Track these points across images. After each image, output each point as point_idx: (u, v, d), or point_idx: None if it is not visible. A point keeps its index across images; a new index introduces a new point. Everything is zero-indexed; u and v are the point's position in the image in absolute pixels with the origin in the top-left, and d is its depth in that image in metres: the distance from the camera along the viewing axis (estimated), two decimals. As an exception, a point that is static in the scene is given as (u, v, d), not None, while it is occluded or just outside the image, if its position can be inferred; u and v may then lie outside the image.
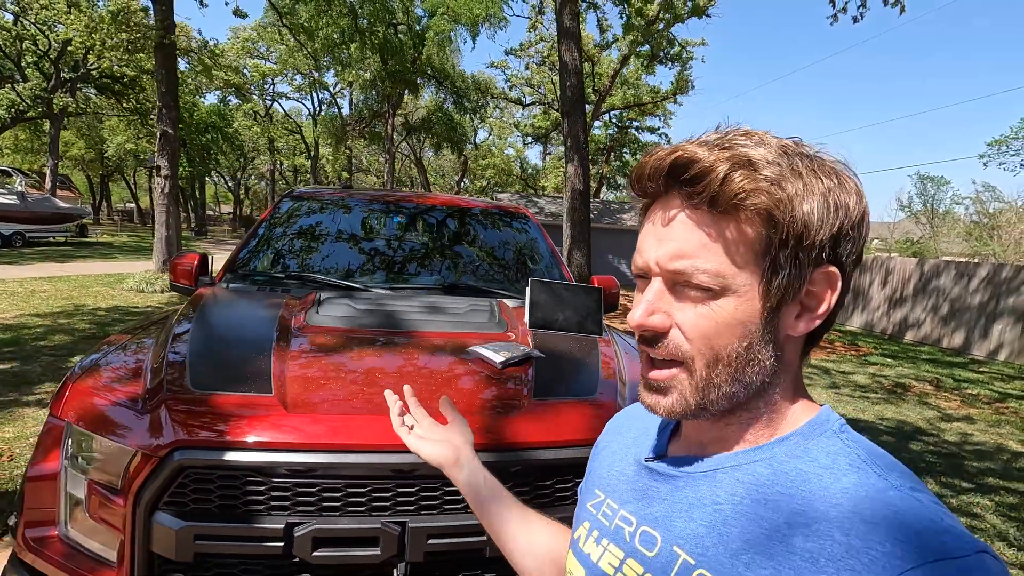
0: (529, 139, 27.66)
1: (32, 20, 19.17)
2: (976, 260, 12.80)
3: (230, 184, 45.06)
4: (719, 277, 0.50)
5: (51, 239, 20.00)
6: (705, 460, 0.56)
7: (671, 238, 0.51)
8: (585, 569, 0.62)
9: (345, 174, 35.95)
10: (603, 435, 0.77)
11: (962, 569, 0.40)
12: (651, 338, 0.53)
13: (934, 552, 0.40)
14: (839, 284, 0.53)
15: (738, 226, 0.50)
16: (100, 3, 16.23)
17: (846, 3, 9.32)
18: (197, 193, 37.28)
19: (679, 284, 0.52)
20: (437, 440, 0.83)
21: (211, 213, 55.49)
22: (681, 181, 0.50)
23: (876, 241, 41.63)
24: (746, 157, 0.49)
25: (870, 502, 0.45)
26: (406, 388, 0.91)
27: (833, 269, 0.52)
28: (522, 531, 0.78)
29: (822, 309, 0.53)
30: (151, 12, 11.36)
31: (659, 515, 0.56)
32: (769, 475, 0.51)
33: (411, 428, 0.86)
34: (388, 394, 0.89)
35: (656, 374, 0.54)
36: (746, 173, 0.48)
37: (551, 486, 1.29)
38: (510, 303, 2.23)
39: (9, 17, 19.83)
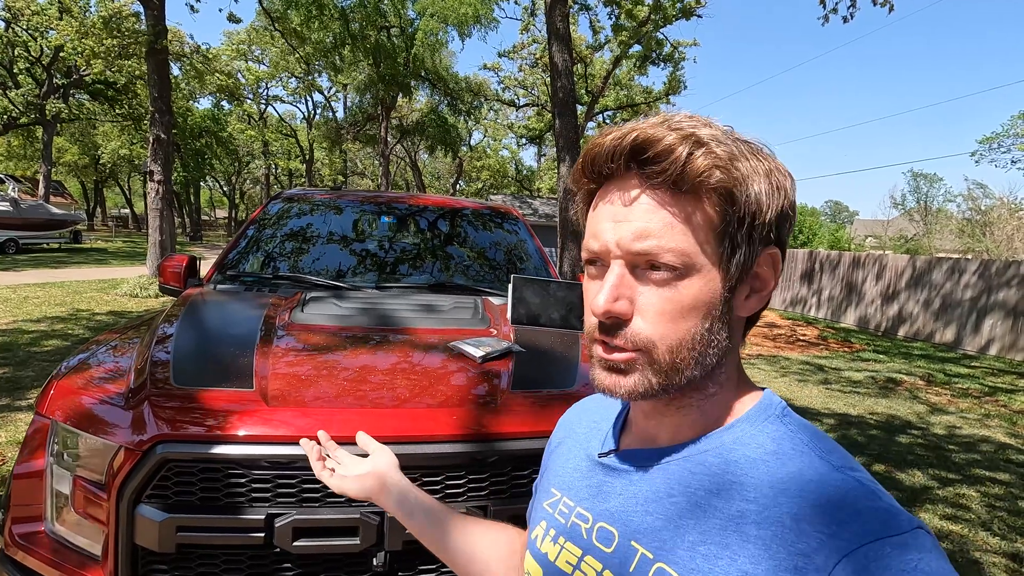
0: (523, 141, 27.70)
1: (24, 26, 19.14)
2: (969, 257, 12.90)
3: (225, 189, 44.98)
4: (684, 256, 0.49)
5: (45, 245, 19.94)
6: (657, 452, 0.56)
7: (633, 218, 0.50)
8: (543, 568, 0.62)
9: (340, 178, 35.94)
10: (556, 432, 0.77)
11: (899, 545, 0.42)
12: (611, 326, 0.51)
13: (875, 531, 0.42)
14: (780, 266, 0.55)
15: (700, 205, 0.50)
16: (92, 9, 16.22)
17: (836, 3, 9.37)
18: (192, 198, 37.19)
19: (641, 267, 0.51)
20: (360, 474, 0.82)
21: (206, 218, 55.37)
22: (641, 161, 0.49)
23: (870, 239, 41.77)
24: (701, 137, 0.49)
25: (815, 485, 0.47)
26: (320, 433, 0.91)
27: (775, 250, 0.54)
28: (462, 540, 0.78)
29: (767, 290, 0.55)
30: (143, 17, 11.36)
31: (615, 510, 0.56)
32: (719, 464, 0.52)
33: (333, 471, 0.85)
34: (304, 442, 0.89)
35: (615, 356, 0.52)
36: (707, 152, 0.48)
37: (528, 475, 1.32)
38: (495, 300, 2.25)
39: (0, 24, 19.79)
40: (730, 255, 0.51)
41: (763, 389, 0.57)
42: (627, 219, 0.50)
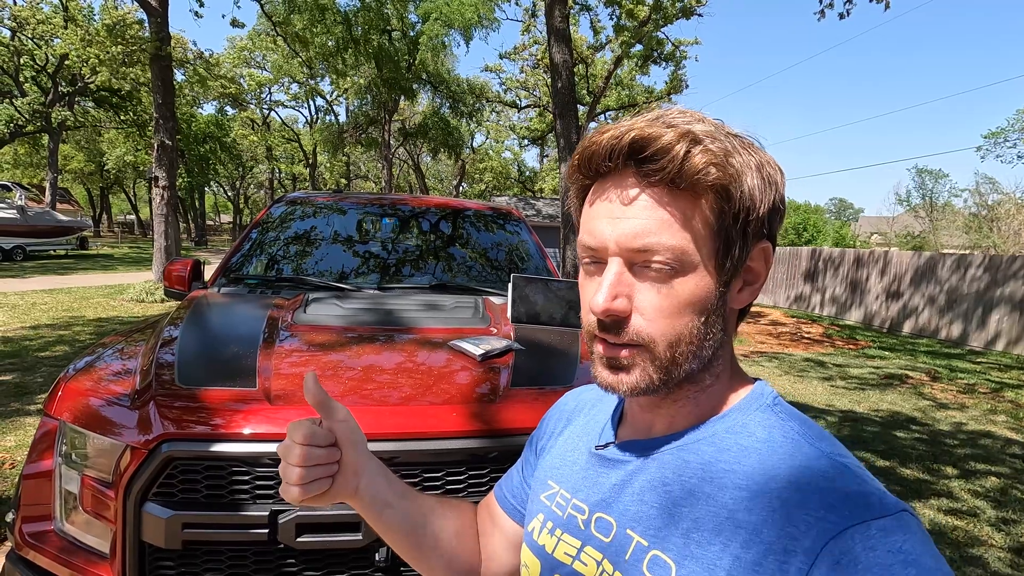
0: (526, 142, 27.72)
1: (29, 35, 19.31)
2: (976, 253, 12.83)
3: (229, 193, 45.18)
4: (681, 253, 0.50)
5: (52, 252, 20.10)
6: (653, 443, 0.57)
7: (631, 216, 0.50)
8: (540, 560, 0.63)
9: (343, 181, 36.06)
10: (549, 420, 0.77)
11: (884, 527, 0.43)
12: (612, 324, 0.52)
13: (861, 514, 0.44)
14: (771, 259, 0.56)
15: (697, 202, 0.50)
16: (96, 17, 16.35)
17: (832, -1, 9.34)
18: (196, 203, 37.41)
19: (639, 264, 0.51)
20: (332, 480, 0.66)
21: (211, 223, 55.67)
22: (639, 160, 0.50)
23: (876, 236, 41.57)
24: (697, 134, 0.49)
25: (803, 471, 0.48)
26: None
27: (767, 244, 0.55)
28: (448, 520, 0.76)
29: (759, 282, 0.56)
30: (146, 24, 11.45)
31: (612, 500, 0.57)
32: (712, 453, 0.53)
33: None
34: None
35: (617, 352, 0.53)
36: (703, 149, 0.49)
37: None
38: (495, 300, 2.27)
39: (6, 32, 19.98)
40: (725, 251, 0.52)
41: (756, 380, 0.58)
42: (625, 217, 0.51)
